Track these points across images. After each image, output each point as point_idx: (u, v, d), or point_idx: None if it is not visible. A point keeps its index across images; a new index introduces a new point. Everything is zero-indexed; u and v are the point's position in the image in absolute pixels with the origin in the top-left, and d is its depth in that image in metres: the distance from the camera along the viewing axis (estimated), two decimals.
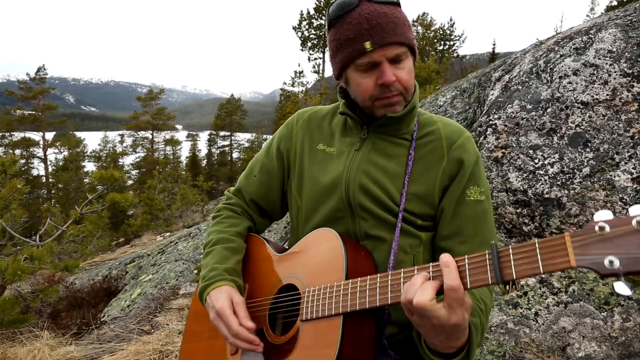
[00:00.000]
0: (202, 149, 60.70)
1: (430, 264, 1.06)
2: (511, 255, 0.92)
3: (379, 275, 1.14)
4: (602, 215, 0.84)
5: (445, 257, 1.00)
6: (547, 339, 2.68)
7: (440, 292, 0.99)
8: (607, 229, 0.81)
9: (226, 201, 1.67)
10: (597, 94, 3.19)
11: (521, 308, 2.84)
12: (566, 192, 3.00)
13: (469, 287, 0.97)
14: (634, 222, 0.79)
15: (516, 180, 3.18)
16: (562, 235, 0.86)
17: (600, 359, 2.55)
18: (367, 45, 1.25)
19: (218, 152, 59.96)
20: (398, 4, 1.32)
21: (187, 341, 1.60)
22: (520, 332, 2.73)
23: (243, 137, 62.63)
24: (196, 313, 1.61)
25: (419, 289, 0.98)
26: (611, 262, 0.79)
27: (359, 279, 1.17)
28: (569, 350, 2.61)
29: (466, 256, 1.00)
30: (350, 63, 1.32)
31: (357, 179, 1.38)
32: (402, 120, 1.40)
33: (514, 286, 0.94)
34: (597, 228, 0.82)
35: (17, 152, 39.82)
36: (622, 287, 0.80)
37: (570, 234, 0.85)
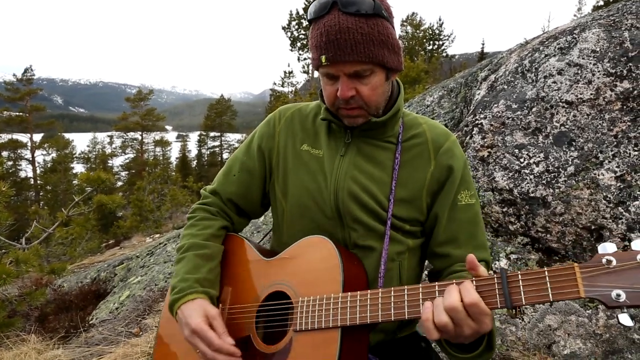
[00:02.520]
0: (192, 149, 60.53)
1: (437, 282, 1.08)
2: (520, 281, 0.96)
3: (380, 290, 1.14)
4: (606, 248, 0.91)
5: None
6: (533, 337, 2.70)
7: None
8: (614, 262, 0.88)
9: (202, 201, 1.60)
10: (581, 94, 3.22)
11: None
12: (551, 191, 3.03)
13: None
14: (638, 257, 0.86)
15: (502, 179, 3.20)
16: (572, 265, 0.91)
17: (585, 356, 2.57)
18: (323, 59, 1.23)
19: (208, 152, 59.77)
20: (375, 15, 1.22)
21: (161, 344, 1.54)
22: (507, 331, 2.75)
23: (233, 138, 62.46)
24: (169, 317, 1.54)
25: (462, 290, 1.01)
26: (618, 295, 0.85)
27: (358, 292, 1.16)
28: (555, 348, 2.64)
29: (473, 279, 1.02)
30: (315, 68, 1.32)
31: (346, 186, 1.36)
32: (387, 124, 1.39)
33: (519, 311, 0.99)
34: (604, 261, 0.89)
35: (5, 154, 39.35)
36: (626, 319, 0.86)
37: (579, 265, 0.91)
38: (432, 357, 1.48)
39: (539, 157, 3.16)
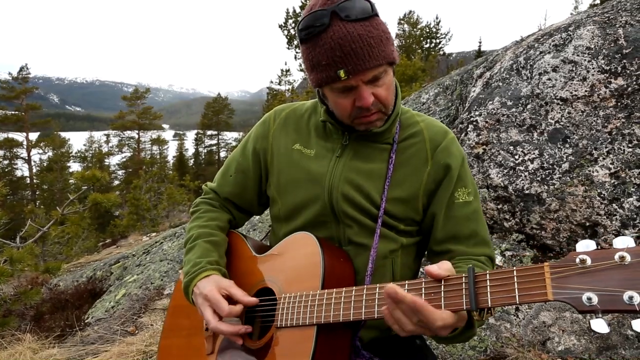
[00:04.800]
0: (189, 148, 60.48)
1: (406, 281, 1.06)
2: (488, 281, 0.91)
3: (354, 289, 1.14)
4: (585, 246, 0.82)
5: (391, 289, 0.99)
6: (528, 333, 2.71)
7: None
8: (589, 261, 0.79)
9: (204, 196, 1.65)
10: (575, 90, 3.22)
11: None
12: (546, 187, 3.03)
13: (442, 308, 0.96)
14: (616, 256, 0.77)
15: (497, 176, 3.20)
16: (542, 265, 0.85)
17: (579, 352, 2.58)
18: (342, 74, 1.18)
19: (205, 151, 59.74)
20: (374, 15, 1.21)
21: (165, 337, 1.59)
22: (502, 327, 2.76)
23: (230, 136, 62.44)
24: (175, 309, 1.60)
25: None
26: (589, 299, 0.77)
27: (334, 290, 1.16)
28: (549, 345, 2.64)
29: (442, 279, 1.00)
30: (325, 85, 1.27)
31: (341, 188, 1.36)
32: (385, 129, 1.38)
33: (488, 312, 0.93)
34: (578, 260, 0.80)
35: (0, 152, 39.24)
36: (599, 325, 0.78)
37: (550, 265, 0.84)
38: (427, 354, 1.48)
39: (534, 154, 3.16)
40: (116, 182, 43.90)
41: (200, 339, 1.42)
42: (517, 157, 3.21)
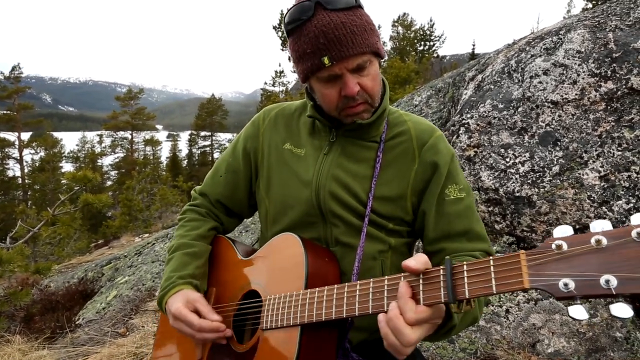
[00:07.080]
0: (183, 149, 60.31)
1: (386, 277, 1.05)
2: (465, 272, 0.89)
3: (336, 287, 1.13)
4: (562, 231, 0.80)
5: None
6: (518, 335, 2.72)
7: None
8: (565, 247, 0.77)
9: (192, 202, 1.63)
10: (566, 94, 3.24)
11: (492, 305, 2.88)
12: (536, 190, 3.05)
13: (421, 303, 0.95)
14: (592, 240, 0.75)
15: (488, 178, 3.22)
16: (518, 253, 0.83)
17: (568, 354, 2.59)
18: (326, 60, 1.21)
19: (199, 152, 59.59)
20: (357, 6, 1.25)
21: (158, 346, 1.58)
22: (492, 330, 2.76)
23: (224, 137, 62.31)
24: (165, 318, 1.61)
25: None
26: (566, 285, 0.75)
27: (317, 289, 1.15)
28: (539, 347, 2.65)
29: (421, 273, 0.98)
30: (311, 75, 1.28)
31: (327, 186, 1.35)
32: (372, 125, 1.38)
33: (467, 304, 0.91)
34: (554, 246, 0.78)
35: None
36: (577, 311, 0.77)
37: (526, 253, 0.82)
38: (416, 357, 1.48)
39: (525, 156, 3.18)
40: (109, 183, 43.73)
41: (191, 345, 1.41)
42: (508, 159, 3.22)
